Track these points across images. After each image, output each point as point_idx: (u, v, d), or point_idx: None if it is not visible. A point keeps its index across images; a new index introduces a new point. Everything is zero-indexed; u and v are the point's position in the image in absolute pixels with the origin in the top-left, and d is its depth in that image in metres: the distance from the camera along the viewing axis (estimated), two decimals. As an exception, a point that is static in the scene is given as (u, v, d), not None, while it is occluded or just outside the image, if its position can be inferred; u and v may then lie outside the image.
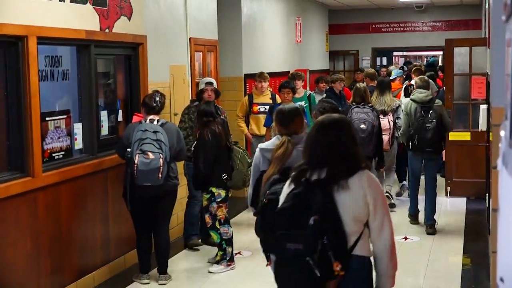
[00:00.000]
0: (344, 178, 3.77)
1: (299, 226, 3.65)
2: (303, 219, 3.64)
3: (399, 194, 10.98)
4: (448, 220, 9.47)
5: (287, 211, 3.76)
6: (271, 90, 10.62)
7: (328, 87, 11.93)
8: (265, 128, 9.77)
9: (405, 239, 8.57)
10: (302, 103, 9.82)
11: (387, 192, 9.82)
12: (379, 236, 3.83)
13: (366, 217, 3.80)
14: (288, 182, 3.94)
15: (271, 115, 8.43)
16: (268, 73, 11.27)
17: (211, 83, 8.34)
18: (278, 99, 9.86)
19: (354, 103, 8.93)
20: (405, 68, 16.80)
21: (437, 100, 9.50)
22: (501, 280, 1.44)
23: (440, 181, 10.97)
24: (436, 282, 7.05)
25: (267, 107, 9.81)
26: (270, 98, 10.22)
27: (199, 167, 7.24)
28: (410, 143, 9.02)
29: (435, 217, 8.97)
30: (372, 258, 3.92)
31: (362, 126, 8.38)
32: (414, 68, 13.23)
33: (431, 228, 8.87)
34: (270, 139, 8.33)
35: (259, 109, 10.20)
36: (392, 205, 9.75)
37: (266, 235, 4.32)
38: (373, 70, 13.48)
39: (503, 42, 1.96)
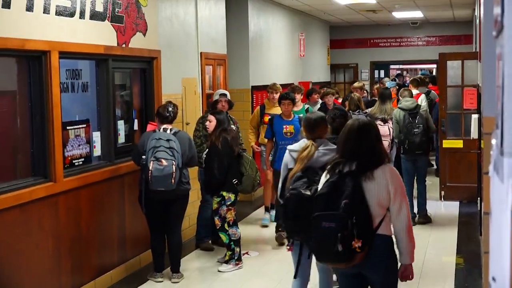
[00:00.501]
0: (370, 170, 4.29)
1: (333, 208, 4.19)
2: (336, 202, 4.18)
3: None
4: (442, 222, 9.45)
5: (323, 196, 4.30)
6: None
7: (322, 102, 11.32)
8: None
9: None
10: (302, 115, 9.06)
11: None
12: (398, 217, 4.31)
13: (388, 203, 4.30)
14: (325, 173, 4.48)
15: (271, 127, 8.54)
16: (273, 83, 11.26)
17: (225, 95, 8.38)
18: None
19: (350, 111, 9.00)
20: (397, 80, 17.11)
21: (422, 106, 10.24)
22: (493, 279, 1.44)
23: (435, 181, 11.02)
24: (431, 280, 7.03)
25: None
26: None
27: (214, 173, 7.25)
28: (401, 148, 9.42)
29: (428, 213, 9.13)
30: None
31: None
32: (412, 79, 13.50)
33: (424, 218, 9.16)
34: (271, 150, 8.24)
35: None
36: None
37: (288, 223, 5.02)
38: (361, 83, 13.20)
39: (494, 56, 1.97)
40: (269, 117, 9.06)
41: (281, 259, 7.53)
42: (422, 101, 11.38)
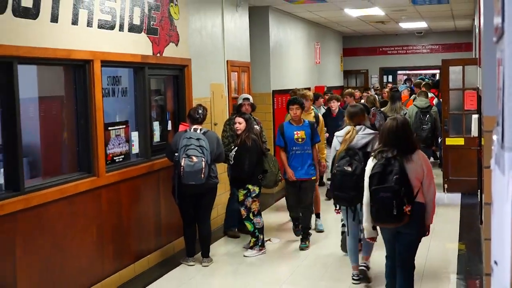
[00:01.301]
0: (409, 154, 5.10)
1: (386, 182, 4.94)
2: (387, 179, 4.95)
3: None
4: (445, 212, 9.37)
5: (377, 174, 5.01)
6: (315, 108, 9.27)
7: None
8: None
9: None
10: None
11: None
12: (428, 190, 5.13)
13: (422, 178, 5.09)
14: (371, 158, 5.22)
15: (281, 135, 7.55)
16: (290, 89, 11.23)
17: (248, 99, 8.37)
18: (321, 119, 8.60)
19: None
20: (407, 84, 17.46)
21: (433, 108, 11.13)
22: (495, 263, 1.42)
23: (439, 175, 10.95)
24: (436, 264, 6.98)
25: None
26: (314, 117, 8.44)
27: (244, 168, 7.28)
28: None
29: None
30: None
31: None
32: (423, 83, 13.92)
33: None
34: (287, 158, 7.55)
35: None
36: None
37: (336, 192, 5.97)
38: (351, 90, 12.50)
39: (493, 61, 1.95)
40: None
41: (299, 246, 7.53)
42: (435, 103, 12.41)
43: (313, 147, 7.58)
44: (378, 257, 6.24)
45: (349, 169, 5.77)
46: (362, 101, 12.39)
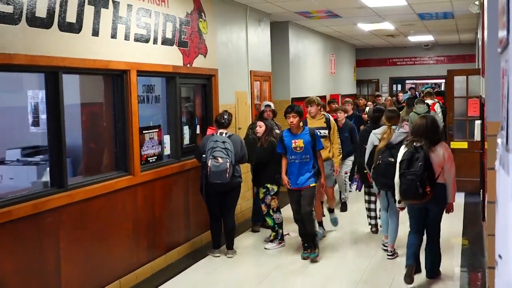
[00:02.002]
0: (433, 145, 5.71)
1: (413, 167, 5.54)
2: (413, 164, 5.55)
3: None
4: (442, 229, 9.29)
5: (406, 161, 5.60)
6: (326, 113, 8.17)
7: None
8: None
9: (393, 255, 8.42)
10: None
11: None
12: (449, 172, 5.75)
13: (443, 164, 5.70)
14: (403, 146, 5.82)
15: (281, 142, 6.80)
16: (308, 97, 11.18)
17: (269, 105, 8.38)
18: (333, 123, 7.86)
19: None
20: (409, 92, 17.61)
21: (437, 112, 11.72)
22: (499, 256, 1.41)
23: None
24: (442, 258, 6.89)
25: (322, 131, 7.53)
26: (324, 122, 7.73)
27: (265, 168, 7.31)
28: None
29: None
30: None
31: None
32: (426, 92, 13.90)
33: None
34: (284, 167, 6.85)
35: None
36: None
37: (379, 179, 6.54)
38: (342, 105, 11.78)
39: (497, 71, 1.93)
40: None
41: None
42: (437, 108, 12.47)
43: (316, 154, 6.79)
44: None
45: (392, 160, 6.26)
46: (367, 108, 12.30)
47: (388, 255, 6.83)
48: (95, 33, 5.54)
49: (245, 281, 6.31)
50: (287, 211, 7.95)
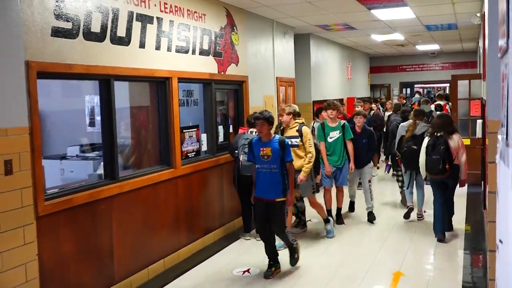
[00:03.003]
0: (451, 135, 6.62)
1: (436, 150, 6.50)
2: (436, 148, 6.50)
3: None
4: (454, 199, 9.12)
5: (430, 146, 6.56)
6: (303, 121, 6.83)
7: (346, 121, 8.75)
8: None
9: (425, 212, 8.32)
10: (336, 132, 7.35)
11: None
12: (461, 156, 6.64)
13: (458, 149, 6.59)
14: (427, 136, 6.75)
15: (250, 151, 5.70)
16: (327, 100, 11.12)
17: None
18: (305, 131, 6.58)
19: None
20: (417, 95, 17.66)
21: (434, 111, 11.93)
22: (500, 241, 1.37)
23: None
24: (447, 242, 6.79)
25: (294, 140, 6.54)
26: (296, 131, 6.62)
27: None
28: None
29: None
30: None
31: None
32: (437, 94, 14.45)
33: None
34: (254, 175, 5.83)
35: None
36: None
37: (406, 161, 7.40)
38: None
39: (497, 75, 1.88)
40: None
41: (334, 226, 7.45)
42: (449, 108, 12.97)
43: (284, 166, 5.55)
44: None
45: (415, 147, 7.15)
46: (372, 112, 12.12)
47: (418, 217, 7.81)
48: (142, 45, 5.58)
49: (272, 261, 6.30)
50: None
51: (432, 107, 13.09)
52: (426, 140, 6.72)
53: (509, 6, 1.40)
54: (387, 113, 12.59)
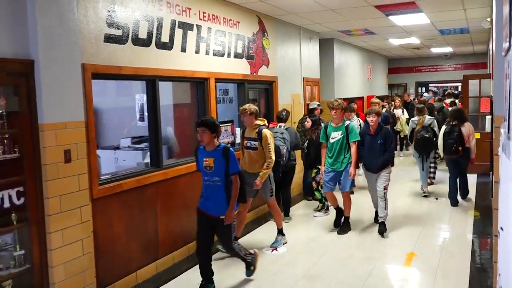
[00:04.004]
0: (463, 123, 7.34)
1: (451, 135, 7.24)
2: (452, 134, 7.25)
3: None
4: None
5: (447, 132, 7.31)
6: (264, 123, 5.70)
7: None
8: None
9: (436, 199, 8.12)
10: (339, 133, 6.16)
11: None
12: (471, 141, 7.29)
13: (469, 135, 7.26)
14: (444, 125, 7.49)
15: (196, 159, 4.64)
16: (348, 98, 11.00)
17: (319, 105, 8.22)
18: (265, 134, 5.49)
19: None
20: (430, 94, 17.28)
21: (445, 108, 12.08)
22: (501, 228, 1.31)
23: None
24: (456, 226, 6.62)
25: (252, 142, 5.60)
26: (256, 133, 5.55)
27: (310, 154, 7.16)
28: None
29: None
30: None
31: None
32: (447, 93, 13.92)
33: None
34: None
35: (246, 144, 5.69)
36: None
37: (419, 148, 8.01)
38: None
39: (501, 74, 1.79)
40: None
41: (353, 210, 7.32)
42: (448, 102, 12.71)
43: (229, 179, 4.41)
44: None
45: (427, 135, 7.87)
46: (384, 110, 11.84)
47: (424, 193, 8.29)
48: (183, 49, 5.60)
49: (298, 240, 6.26)
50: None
51: (448, 101, 12.78)
52: (443, 127, 7.46)
53: (511, 9, 1.32)
54: (396, 111, 12.26)
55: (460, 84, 18.87)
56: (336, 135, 6.16)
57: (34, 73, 3.77)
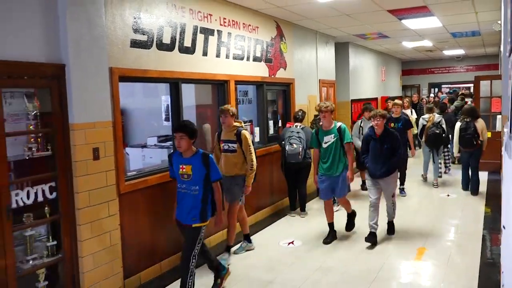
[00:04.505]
0: (476, 119, 7.65)
1: (468, 131, 7.56)
2: (467, 129, 7.58)
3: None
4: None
5: (463, 128, 7.62)
6: (242, 125, 5.23)
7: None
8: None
9: (448, 196, 7.95)
10: (331, 136, 5.45)
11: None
12: (484, 135, 7.60)
13: (482, 130, 7.57)
14: (458, 122, 7.82)
15: (171, 166, 4.10)
16: (363, 99, 10.87)
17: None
18: (244, 136, 5.07)
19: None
20: (444, 94, 16.83)
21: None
22: (503, 227, 1.25)
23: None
24: (468, 222, 6.47)
25: (231, 145, 5.13)
26: (234, 135, 5.10)
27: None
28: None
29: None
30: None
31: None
32: (460, 93, 13.64)
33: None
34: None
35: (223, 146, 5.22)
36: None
37: (430, 143, 8.31)
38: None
39: (507, 74, 1.72)
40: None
41: (365, 205, 7.21)
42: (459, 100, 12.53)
43: (208, 187, 3.95)
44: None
45: (437, 131, 8.20)
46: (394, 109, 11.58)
47: (434, 185, 8.54)
48: (205, 53, 5.60)
49: (314, 234, 6.21)
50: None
51: (465, 100, 12.62)
52: (458, 124, 7.82)
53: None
54: (404, 111, 11.99)
55: (472, 85, 18.47)
56: (329, 139, 5.45)
57: (65, 76, 3.82)
